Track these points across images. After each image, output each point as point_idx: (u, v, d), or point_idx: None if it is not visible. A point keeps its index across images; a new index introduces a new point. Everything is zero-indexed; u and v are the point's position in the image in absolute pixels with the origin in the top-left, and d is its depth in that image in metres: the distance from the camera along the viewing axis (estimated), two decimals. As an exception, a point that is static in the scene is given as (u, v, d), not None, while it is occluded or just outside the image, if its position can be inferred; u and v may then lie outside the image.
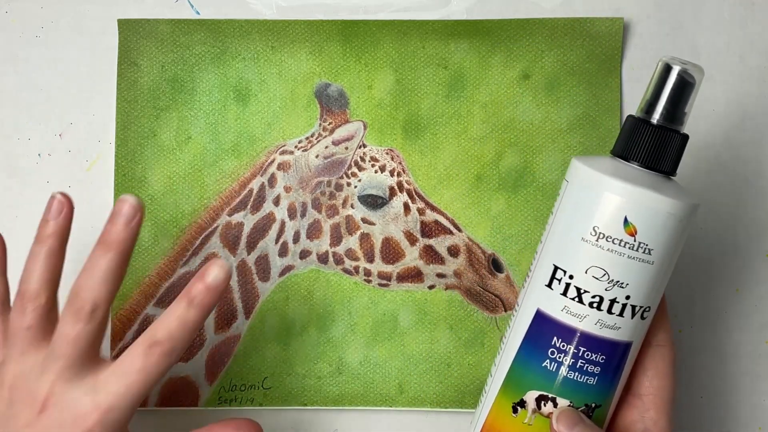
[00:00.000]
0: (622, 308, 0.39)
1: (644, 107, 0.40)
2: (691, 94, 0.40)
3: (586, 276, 0.39)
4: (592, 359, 0.39)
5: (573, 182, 0.40)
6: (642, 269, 0.38)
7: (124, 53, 0.53)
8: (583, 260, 0.39)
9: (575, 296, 0.39)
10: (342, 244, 0.52)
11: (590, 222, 0.38)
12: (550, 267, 0.40)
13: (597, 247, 0.38)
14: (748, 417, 0.53)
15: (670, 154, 0.39)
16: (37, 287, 0.41)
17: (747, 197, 0.53)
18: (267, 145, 0.53)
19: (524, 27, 0.52)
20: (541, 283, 0.40)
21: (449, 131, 0.52)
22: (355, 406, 0.52)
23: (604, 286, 0.39)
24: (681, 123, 0.40)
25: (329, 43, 0.53)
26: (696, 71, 0.40)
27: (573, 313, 0.39)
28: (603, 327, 0.39)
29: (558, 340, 0.39)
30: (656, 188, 0.38)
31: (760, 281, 0.53)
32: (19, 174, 0.53)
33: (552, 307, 0.40)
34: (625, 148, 0.40)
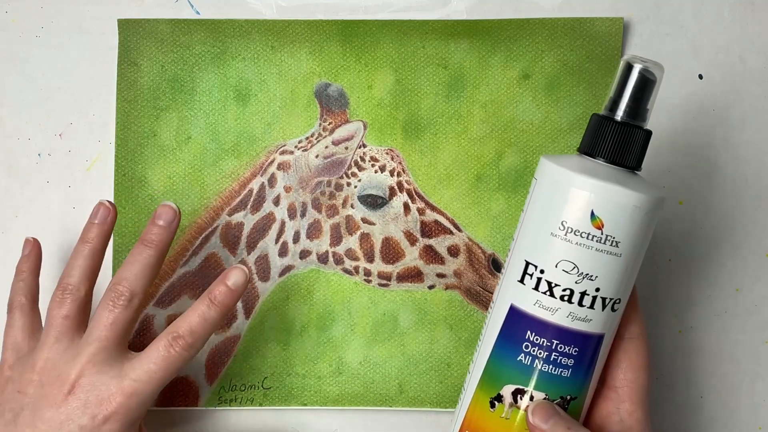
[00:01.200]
0: (592, 300, 0.40)
1: (608, 105, 0.41)
2: (653, 91, 0.41)
3: (556, 270, 0.40)
4: (565, 352, 0.40)
5: (541, 180, 0.41)
6: (610, 261, 0.39)
7: (124, 53, 0.53)
8: (553, 254, 0.40)
9: (546, 290, 0.40)
10: (342, 244, 0.52)
11: (559, 217, 0.40)
12: (522, 262, 0.41)
13: (566, 241, 0.39)
14: (748, 417, 0.53)
15: (634, 149, 0.40)
16: (77, 281, 0.45)
17: (747, 197, 0.53)
18: (267, 145, 0.53)
19: (524, 27, 0.52)
20: (513, 278, 0.41)
21: (449, 131, 0.52)
22: (355, 406, 0.52)
23: (574, 279, 0.40)
24: (644, 119, 0.41)
25: (329, 43, 0.53)
26: (656, 69, 0.41)
27: (545, 307, 0.40)
28: (575, 319, 0.40)
29: (532, 333, 0.40)
30: (622, 182, 0.39)
31: (760, 281, 0.53)
32: (19, 174, 0.53)
33: (525, 301, 0.41)
34: (590, 144, 0.41)
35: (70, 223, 0.53)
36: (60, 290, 0.45)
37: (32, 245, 0.48)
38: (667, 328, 0.53)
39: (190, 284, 0.52)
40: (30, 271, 0.48)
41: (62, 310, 0.44)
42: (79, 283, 0.45)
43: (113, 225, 0.47)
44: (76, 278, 0.45)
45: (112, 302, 0.44)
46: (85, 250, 0.46)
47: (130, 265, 0.45)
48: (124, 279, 0.44)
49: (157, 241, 0.45)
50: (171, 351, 0.43)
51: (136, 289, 0.44)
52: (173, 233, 0.46)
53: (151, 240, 0.45)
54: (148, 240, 0.45)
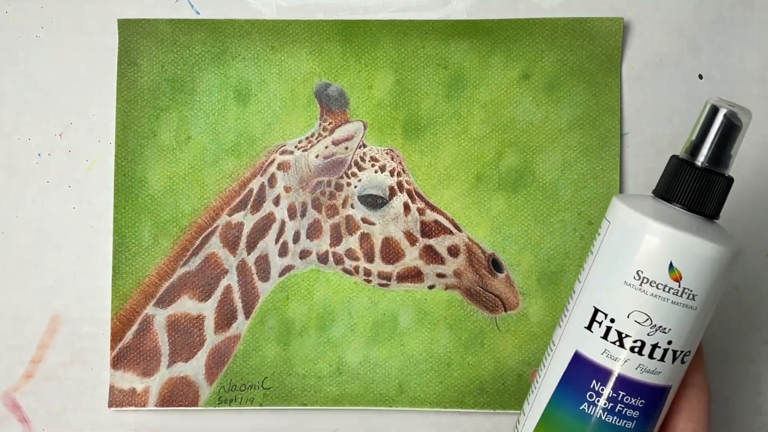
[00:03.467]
0: (663, 353, 0.38)
1: (689, 148, 0.39)
2: (738, 137, 0.39)
3: (628, 320, 0.38)
4: (630, 403, 0.39)
5: (614, 223, 0.39)
6: (685, 314, 0.38)
7: (124, 53, 0.53)
8: (625, 304, 0.38)
9: (616, 340, 0.38)
10: (342, 244, 0.52)
11: (634, 265, 0.38)
12: (590, 309, 0.39)
13: (641, 291, 0.38)
14: (748, 417, 0.53)
15: (714, 197, 0.38)
16: None
17: (747, 197, 0.53)
18: (267, 145, 0.53)
19: (524, 27, 0.52)
20: (580, 324, 0.40)
21: (449, 131, 0.52)
22: (355, 406, 0.52)
23: (646, 331, 0.38)
24: (726, 166, 0.39)
25: (329, 43, 0.53)
26: (743, 114, 0.39)
27: (613, 357, 0.38)
28: (643, 371, 0.38)
29: (597, 383, 0.39)
30: (701, 233, 0.37)
31: (760, 281, 0.53)
32: (19, 174, 0.53)
33: (591, 349, 0.39)
34: (668, 189, 0.39)
35: (70, 223, 0.53)
36: None
37: None
38: (667, 328, 0.53)
39: (190, 284, 0.52)
40: None
41: None
42: None
43: None
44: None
45: None
46: None
47: None
48: None
49: None
50: None
51: None
52: None
53: None
54: None
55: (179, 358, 0.52)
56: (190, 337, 0.52)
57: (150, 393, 0.52)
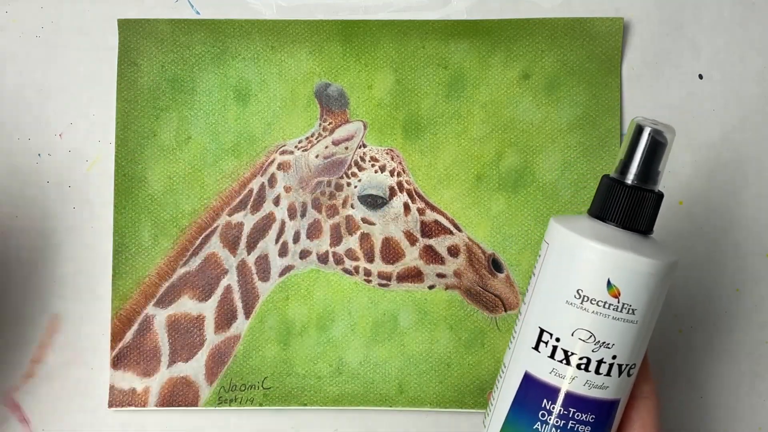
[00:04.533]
0: (609, 368, 0.39)
1: (619, 167, 0.40)
2: (664, 154, 0.40)
3: (572, 338, 0.39)
4: (582, 419, 0.40)
5: (552, 244, 0.40)
6: (627, 329, 0.39)
7: (124, 53, 0.53)
8: (568, 323, 0.39)
9: (563, 358, 0.39)
10: (342, 244, 0.52)
11: (574, 285, 0.39)
12: (536, 329, 0.40)
13: (582, 309, 0.39)
14: (748, 417, 0.53)
15: (645, 213, 0.40)
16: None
17: (747, 197, 0.53)
18: (267, 145, 0.53)
19: (524, 27, 0.52)
20: (527, 345, 0.41)
21: (449, 131, 0.52)
22: (355, 406, 0.52)
23: (591, 348, 0.39)
24: (655, 182, 0.40)
25: (329, 43, 0.53)
26: (668, 131, 0.40)
27: (561, 375, 0.39)
28: (591, 387, 0.39)
29: (548, 402, 0.40)
30: (636, 249, 0.38)
31: (760, 281, 0.53)
32: (19, 174, 0.53)
33: (540, 369, 0.40)
34: (601, 208, 0.40)
35: (70, 223, 0.53)
36: None
37: None
38: (667, 328, 0.53)
39: (190, 284, 0.52)
40: None
41: None
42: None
43: None
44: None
45: None
46: None
47: None
48: None
49: None
50: None
51: None
52: None
53: None
54: None
55: (179, 358, 0.52)
56: (190, 337, 0.52)
57: (150, 393, 0.52)
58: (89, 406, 0.52)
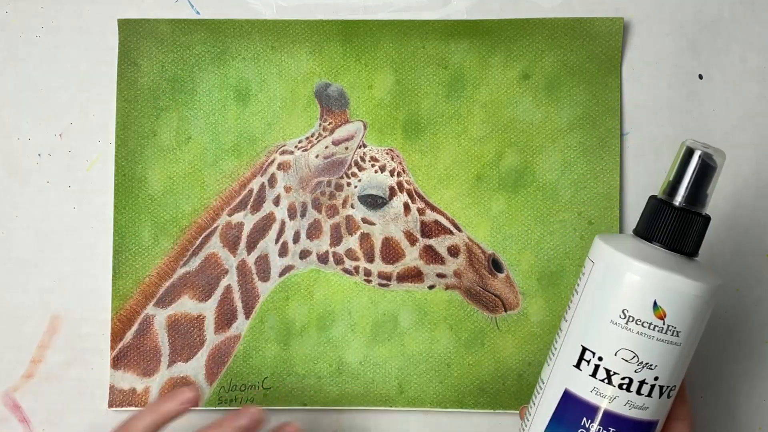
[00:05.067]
0: (650, 389, 0.39)
1: (667, 189, 0.40)
2: (713, 177, 0.40)
3: (615, 358, 0.39)
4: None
5: (598, 263, 0.40)
6: (670, 351, 0.39)
7: (124, 53, 0.53)
8: (612, 342, 0.39)
9: (605, 377, 0.39)
10: (342, 244, 0.52)
11: (619, 304, 0.39)
12: (577, 347, 0.40)
13: (626, 329, 0.39)
14: (748, 417, 0.53)
15: (692, 236, 0.40)
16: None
17: (747, 197, 0.53)
18: (267, 145, 0.53)
19: (524, 27, 0.52)
20: (568, 362, 0.40)
21: (449, 131, 0.52)
22: (355, 406, 0.52)
23: (633, 368, 0.39)
24: (703, 205, 0.40)
25: (329, 43, 0.53)
26: (718, 155, 0.40)
27: (602, 394, 0.39)
28: (632, 407, 0.39)
29: (587, 420, 0.40)
30: (682, 271, 0.38)
31: (760, 281, 0.53)
32: (19, 174, 0.53)
33: (581, 387, 0.40)
34: (648, 229, 0.40)
35: (70, 223, 0.53)
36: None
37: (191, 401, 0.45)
38: (667, 328, 0.53)
39: (190, 284, 0.52)
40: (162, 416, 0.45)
41: None
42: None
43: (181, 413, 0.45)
44: None
45: None
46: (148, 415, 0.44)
47: None
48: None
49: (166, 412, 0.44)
50: None
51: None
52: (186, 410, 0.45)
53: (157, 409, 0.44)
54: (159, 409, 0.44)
55: (179, 358, 0.52)
56: (190, 337, 0.52)
57: (150, 393, 0.52)
58: (89, 406, 0.52)
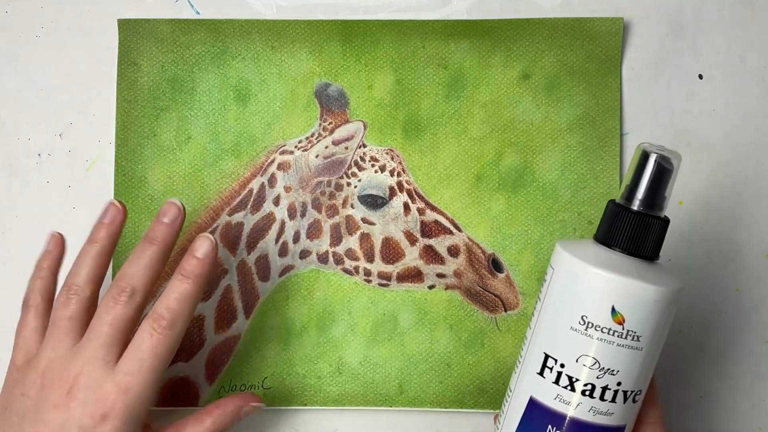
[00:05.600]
0: (614, 394, 0.39)
1: (624, 193, 0.40)
2: (670, 180, 0.40)
3: (577, 364, 0.39)
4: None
5: (558, 270, 0.40)
6: (632, 355, 0.39)
7: (124, 53, 0.53)
8: (573, 349, 0.39)
9: (567, 384, 0.39)
10: (342, 244, 0.52)
11: (578, 311, 0.39)
12: (540, 355, 0.40)
13: (587, 336, 0.39)
14: (748, 417, 0.53)
15: (651, 239, 0.40)
16: (83, 281, 0.44)
17: (747, 197, 0.53)
18: (267, 145, 0.53)
19: (524, 27, 0.52)
20: (532, 370, 0.41)
21: (449, 131, 0.52)
22: (355, 406, 0.52)
23: (595, 374, 0.39)
24: (661, 208, 0.40)
25: (329, 43, 0.53)
26: (674, 157, 0.40)
27: (566, 401, 0.40)
28: (596, 414, 0.39)
29: (552, 428, 0.40)
30: (641, 276, 0.38)
31: (760, 281, 0.53)
32: (19, 174, 0.53)
33: (545, 395, 0.40)
34: (607, 234, 0.40)
35: (70, 223, 0.53)
36: (65, 290, 0.44)
37: (56, 242, 0.47)
38: (667, 328, 0.53)
39: (190, 284, 0.52)
40: (50, 270, 0.46)
41: (66, 311, 0.43)
42: (85, 284, 0.44)
43: (122, 226, 0.46)
44: (82, 278, 0.44)
45: (113, 299, 0.43)
46: (92, 250, 0.45)
47: (134, 262, 0.44)
48: (126, 275, 0.43)
49: (161, 239, 0.45)
50: (154, 334, 0.42)
51: (138, 286, 0.43)
52: (178, 231, 0.46)
53: (155, 237, 0.45)
54: (152, 237, 0.45)
55: (179, 358, 0.52)
56: (190, 337, 0.52)
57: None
58: (89, 406, 0.52)
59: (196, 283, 0.44)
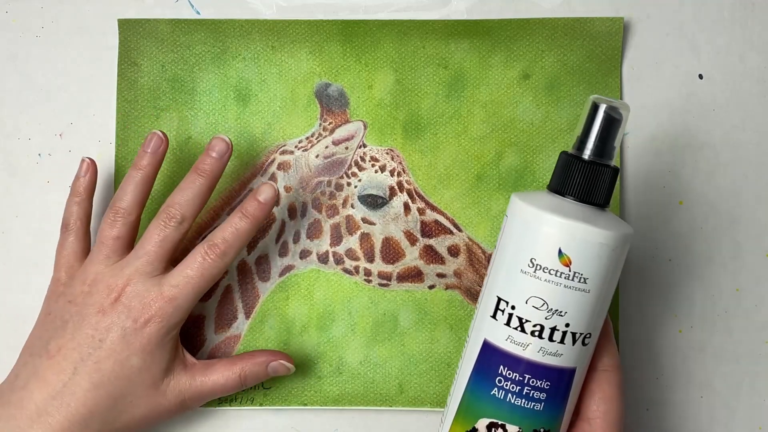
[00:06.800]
0: (562, 335, 0.41)
1: (576, 144, 0.42)
2: (619, 130, 0.42)
3: (526, 306, 0.41)
4: (537, 386, 0.41)
5: (512, 217, 0.42)
6: (579, 298, 0.40)
7: (124, 53, 0.53)
8: (523, 291, 0.41)
9: (518, 326, 0.41)
10: (342, 244, 0.52)
11: (528, 254, 0.40)
12: (494, 298, 0.42)
13: (535, 278, 0.40)
14: (748, 417, 0.53)
15: (601, 187, 0.41)
16: (129, 206, 0.47)
17: (747, 197, 0.53)
18: (267, 145, 0.53)
19: (524, 27, 0.52)
20: (486, 314, 0.42)
21: (449, 131, 0.53)
22: (355, 406, 0.52)
23: (544, 315, 0.40)
24: (610, 157, 0.42)
25: (329, 43, 0.53)
26: (623, 108, 0.42)
27: (517, 342, 0.41)
28: (546, 354, 0.41)
29: (504, 368, 0.41)
30: (589, 220, 0.40)
31: (760, 281, 0.53)
32: (19, 174, 0.53)
33: (497, 336, 0.42)
34: (559, 183, 0.42)
35: (70, 223, 0.53)
36: (112, 213, 0.47)
37: (89, 166, 0.49)
38: (667, 328, 0.53)
39: (190, 284, 0.52)
40: (86, 193, 0.49)
41: (113, 231, 0.47)
42: (131, 207, 0.47)
43: (164, 154, 0.49)
44: (127, 203, 0.47)
45: (164, 222, 0.46)
46: (137, 176, 0.48)
47: (183, 191, 0.47)
48: (176, 203, 0.47)
49: (209, 171, 0.47)
50: (207, 258, 0.46)
51: (187, 213, 0.47)
52: (224, 165, 0.48)
53: (204, 169, 0.47)
54: (201, 169, 0.47)
55: (179, 358, 0.52)
56: (190, 337, 0.52)
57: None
58: (89, 406, 0.52)
59: (253, 223, 0.47)
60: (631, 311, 0.53)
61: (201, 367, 0.48)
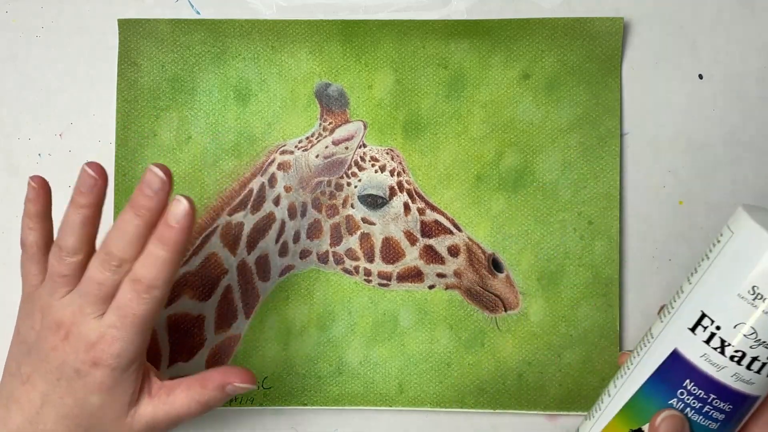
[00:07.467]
0: (761, 366, 0.39)
1: None
2: None
3: (734, 330, 0.39)
4: (719, 407, 0.40)
5: (737, 233, 0.39)
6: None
7: (124, 53, 0.53)
8: (735, 315, 0.39)
9: (718, 347, 0.39)
10: (342, 244, 0.52)
11: (750, 280, 0.38)
12: (697, 312, 0.40)
13: (752, 306, 0.38)
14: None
15: None
16: (73, 247, 0.45)
17: (747, 197, 0.53)
18: (267, 145, 0.53)
19: (524, 27, 0.52)
20: (683, 324, 0.40)
21: (449, 131, 0.52)
22: (355, 406, 0.52)
23: (749, 344, 0.39)
24: None
25: (329, 43, 0.53)
26: None
27: (712, 363, 0.39)
28: (738, 380, 0.39)
29: (690, 383, 0.40)
30: None
31: (760, 281, 0.53)
32: (19, 174, 0.53)
33: (691, 351, 0.40)
34: None
35: (70, 223, 0.53)
36: (57, 249, 0.45)
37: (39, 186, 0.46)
38: (667, 328, 0.53)
39: (190, 284, 0.52)
40: (40, 217, 0.46)
41: (60, 269, 0.45)
42: (75, 249, 0.44)
43: (104, 190, 0.44)
44: (72, 243, 0.44)
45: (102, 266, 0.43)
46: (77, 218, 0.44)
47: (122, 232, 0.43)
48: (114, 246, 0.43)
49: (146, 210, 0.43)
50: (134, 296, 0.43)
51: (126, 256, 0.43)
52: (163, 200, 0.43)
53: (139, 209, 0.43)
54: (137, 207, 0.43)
55: (179, 358, 0.52)
56: (190, 337, 0.52)
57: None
58: (89, 406, 0.52)
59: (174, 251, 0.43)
60: (632, 311, 0.53)
61: (165, 394, 0.46)
